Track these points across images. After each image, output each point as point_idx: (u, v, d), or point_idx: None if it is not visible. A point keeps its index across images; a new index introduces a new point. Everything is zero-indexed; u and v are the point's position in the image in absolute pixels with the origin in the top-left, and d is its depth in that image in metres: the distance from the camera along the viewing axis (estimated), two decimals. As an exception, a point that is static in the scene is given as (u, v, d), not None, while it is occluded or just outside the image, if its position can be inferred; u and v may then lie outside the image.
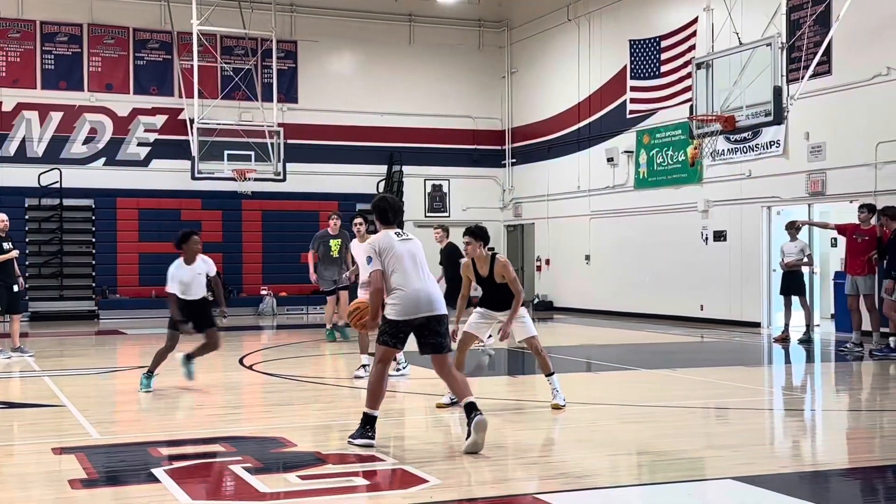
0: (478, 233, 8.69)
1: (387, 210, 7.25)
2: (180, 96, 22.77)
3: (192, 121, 21.52)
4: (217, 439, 7.35)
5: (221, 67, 23.16)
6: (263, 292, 22.86)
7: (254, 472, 6.14)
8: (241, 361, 12.83)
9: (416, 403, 9.62)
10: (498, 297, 8.76)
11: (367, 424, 6.98)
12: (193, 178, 21.60)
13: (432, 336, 7.01)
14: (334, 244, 14.45)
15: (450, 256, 14.07)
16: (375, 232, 7.37)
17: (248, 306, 22.66)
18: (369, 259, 7.04)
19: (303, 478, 6.04)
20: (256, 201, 23.24)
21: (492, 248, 9.05)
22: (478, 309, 8.94)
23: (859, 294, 13.48)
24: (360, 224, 10.86)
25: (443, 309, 7.08)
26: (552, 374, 8.75)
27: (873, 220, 13.57)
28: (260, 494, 5.67)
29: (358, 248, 10.56)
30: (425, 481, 5.92)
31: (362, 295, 9.67)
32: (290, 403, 9.58)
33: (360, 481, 5.95)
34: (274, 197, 23.29)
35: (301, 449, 7.00)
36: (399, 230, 7.27)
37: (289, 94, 24.08)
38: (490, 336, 13.08)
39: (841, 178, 16.18)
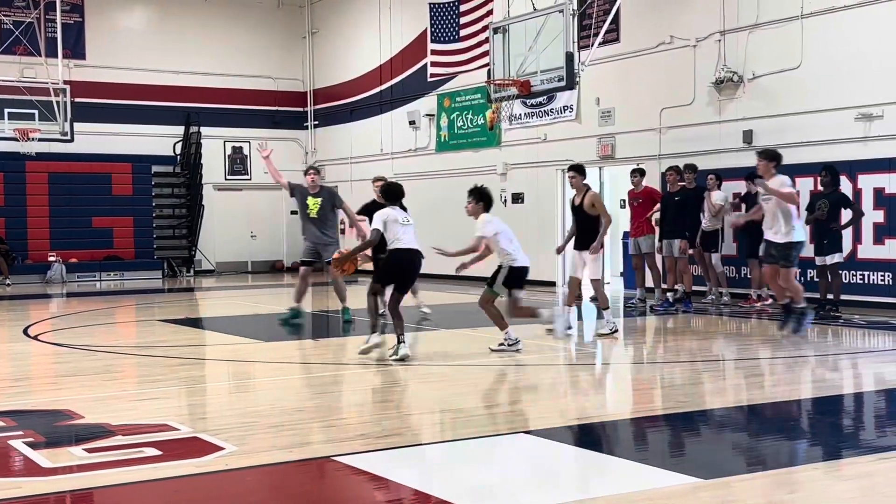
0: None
1: None
2: (-47, 49, 21.15)
3: (-34, 76, 20.04)
4: (-4, 414, 6.92)
5: (0, 20, 21.63)
6: (51, 259, 21.69)
7: (36, 447, 5.82)
8: (25, 332, 12.14)
9: (217, 370, 9.41)
10: None
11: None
12: (-31, 137, 20.17)
13: None
14: (312, 203, 12.59)
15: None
16: None
17: (34, 273, 21.46)
18: None
19: (90, 451, 5.77)
20: (42, 163, 21.94)
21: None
22: None
23: (641, 253, 14.33)
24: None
25: None
26: None
27: (645, 182, 14.43)
28: (42, 470, 5.38)
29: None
30: (221, 448, 5.80)
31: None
32: (78, 374, 9.14)
33: (152, 451, 5.74)
34: (62, 158, 22.06)
35: (89, 421, 6.69)
36: None
37: (75, 50, 22.79)
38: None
39: (629, 142, 16.94)
